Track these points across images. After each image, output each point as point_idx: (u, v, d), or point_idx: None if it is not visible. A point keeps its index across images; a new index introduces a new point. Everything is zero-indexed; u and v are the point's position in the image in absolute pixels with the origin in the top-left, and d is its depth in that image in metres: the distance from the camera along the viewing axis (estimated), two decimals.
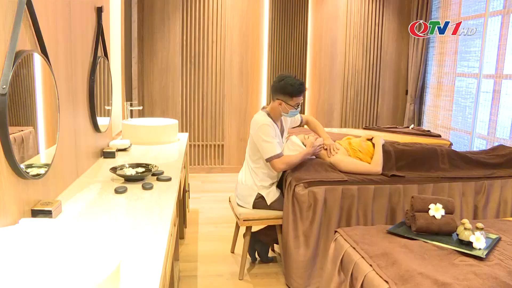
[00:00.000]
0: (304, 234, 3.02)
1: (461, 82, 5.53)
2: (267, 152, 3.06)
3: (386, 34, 6.36)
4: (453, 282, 1.80)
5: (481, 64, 5.07)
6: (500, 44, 4.81)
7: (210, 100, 5.93)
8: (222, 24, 5.82)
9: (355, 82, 6.33)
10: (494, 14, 4.92)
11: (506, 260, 2.07)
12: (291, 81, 3.10)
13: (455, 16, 5.60)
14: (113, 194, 2.12)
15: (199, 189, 5.37)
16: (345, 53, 6.26)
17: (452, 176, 3.36)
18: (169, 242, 1.74)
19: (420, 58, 6.09)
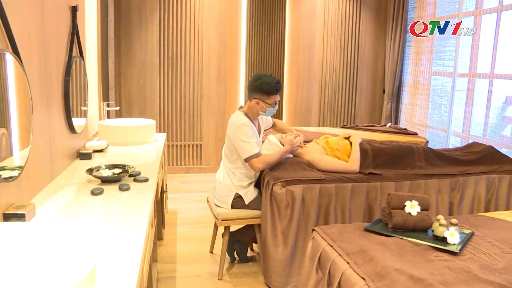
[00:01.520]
0: (283, 233, 3.03)
1: (437, 81, 5.61)
2: (246, 152, 3.06)
3: (363, 33, 6.41)
4: (428, 277, 1.82)
5: (456, 63, 5.16)
6: (473, 43, 4.90)
7: (188, 100, 5.91)
8: (199, 23, 5.80)
9: (332, 81, 6.38)
10: (467, 14, 5.01)
11: (479, 254, 2.11)
12: (268, 79, 3.11)
13: (430, 16, 5.69)
14: (89, 195, 2.10)
15: (177, 189, 5.34)
16: (322, 52, 6.30)
17: (428, 173, 3.42)
18: (146, 244, 1.72)
19: (397, 57, 6.16)
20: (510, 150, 4.26)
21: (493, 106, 4.65)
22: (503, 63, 4.51)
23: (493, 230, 2.46)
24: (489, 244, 2.25)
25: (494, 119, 4.65)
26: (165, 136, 4.00)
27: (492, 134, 4.66)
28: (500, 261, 2.05)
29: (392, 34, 6.22)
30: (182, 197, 5.05)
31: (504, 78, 4.51)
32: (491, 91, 4.64)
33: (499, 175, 3.57)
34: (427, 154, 3.55)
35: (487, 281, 1.84)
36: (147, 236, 1.76)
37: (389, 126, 5.38)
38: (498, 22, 4.54)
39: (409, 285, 1.78)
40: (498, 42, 4.53)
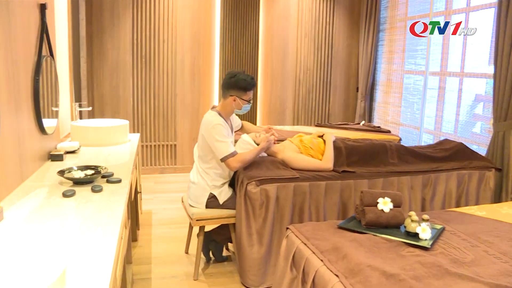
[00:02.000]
0: (258, 232, 3.04)
1: (409, 79, 5.70)
2: (222, 152, 3.05)
3: (337, 32, 6.47)
4: (401, 273, 1.85)
5: (427, 62, 5.24)
6: (444, 43, 4.99)
7: (162, 99, 5.86)
8: (173, 22, 5.75)
9: (306, 79, 6.41)
10: (437, 14, 5.10)
11: (449, 248, 2.16)
12: (243, 76, 3.15)
13: (403, 16, 5.76)
14: (60, 198, 2.06)
15: (152, 190, 5.30)
16: (296, 51, 6.33)
17: (401, 170, 3.46)
18: (120, 245, 1.70)
19: (370, 56, 6.23)
20: (480, 147, 4.35)
21: (464, 104, 4.74)
22: (472, 62, 4.60)
23: (463, 224, 2.51)
24: (459, 238, 2.30)
25: (464, 117, 4.74)
26: (139, 136, 3.96)
27: (462, 131, 4.75)
28: (469, 255, 2.09)
29: (365, 33, 6.28)
30: (157, 198, 5.01)
31: (473, 76, 4.60)
32: (461, 89, 4.73)
33: (469, 171, 3.64)
34: (400, 151, 3.60)
35: (456, 274, 1.88)
36: (120, 238, 1.73)
37: (363, 124, 5.44)
38: (467, 22, 4.63)
39: (382, 281, 1.80)
40: (467, 42, 4.62)
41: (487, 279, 1.85)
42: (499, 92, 3.89)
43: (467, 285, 1.80)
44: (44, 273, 1.02)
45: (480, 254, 2.12)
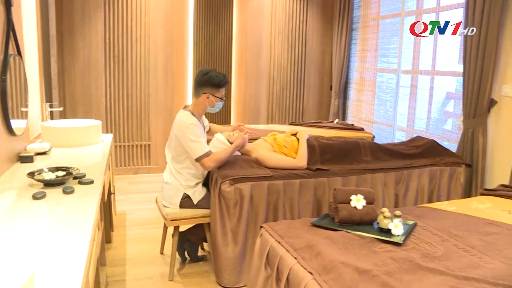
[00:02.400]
0: (232, 231, 3.03)
1: (382, 78, 5.76)
2: (196, 151, 3.03)
3: (310, 30, 6.50)
4: (373, 269, 1.87)
5: (400, 60, 5.31)
6: (415, 41, 5.06)
7: (135, 99, 5.79)
8: (146, 21, 5.69)
9: (280, 78, 6.43)
10: (409, 14, 5.17)
11: (421, 243, 2.19)
12: (216, 73, 3.15)
13: (375, 15, 5.83)
14: (30, 200, 2.02)
15: (126, 190, 5.24)
16: (270, 50, 6.34)
17: (374, 167, 3.50)
18: (92, 247, 1.68)
19: (343, 54, 6.28)
20: (451, 144, 4.43)
21: (435, 101, 4.82)
22: (443, 60, 4.68)
23: (434, 220, 2.55)
24: (431, 233, 2.34)
25: (436, 114, 4.82)
26: (112, 136, 3.91)
27: (434, 129, 4.83)
28: (440, 249, 2.13)
29: (338, 32, 6.33)
30: (131, 198, 4.95)
31: (444, 74, 4.68)
32: (433, 87, 4.81)
33: (441, 167, 3.71)
34: (373, 149, 3.64)
35: (427, 268, 1.91)
36: (93, 240, 1.71)
37: (337, 122, 5.47)
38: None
39: (355, 277, 1.81)
40: (438, 41, 4.70)
41: (457, 272, 1.89)
42: (468, 90, 3.97)
43: (437, 279, 1.84)
44: (11, 279, 0.99)
45: (450, 248, 2.16)
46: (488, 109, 3.91)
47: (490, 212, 2.73)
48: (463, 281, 1.81)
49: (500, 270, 1.92)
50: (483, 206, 2.85)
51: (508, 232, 2.37)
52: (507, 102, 3.79)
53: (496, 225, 2.49)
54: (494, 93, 3.88)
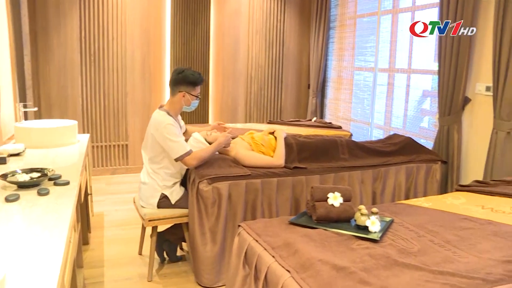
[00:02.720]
0: (211, 230, 3.03)
1: (359, 76, 5.81)
2: (177, 151, 3.02)
3: (288, 29, 6.52)
4: (350, 266, 1.88)
5: (376, 58, 5.36)
6: (392, 40, 5.12)
7: (112, 98, 5.73)
8: (122, 20, 5.63)
9: (258, 77, 6.43)
10: (385, 13, 5.22)
11: (397, 240, 2.21)
12: (191, 71, 3.15)
13: (352, 14, 5.87)
14: (2, 202, 1.97)
15: (103, 191, 5.18)
16: (248, 49, 6.33)
17: (352, 165, 3.53)
18: (68, 249, 1.65)
19: (321, 53, 6.31)
20: (428, 141, 4.49)
21: (412, 99, 4.88)
22: (419, 58, 4.74)
23: (411, 216, 2.58)
24: (407, 229, 2.36)
25: (412, 112, 4.88)
26: (89, 136, 3.85)
27: (411, 126, 4.89)
28: (416, 245, 2.15)
29: (316, 30, 6.36)
30: (109, 199, 4.90)
31: (420, 73, 4.74)
32: (409, 85, 4.87)
33: (417, 164, 3.76)
34: (350, 146, 3.66)
35: (404, 264, 1.93)
36: (69, 241, 1.68)
37: (315, 121, 5.50)
38: (412, 21, 4.76)
39: (332, 274, 1.82)
40: (414, 39, 4.76)
41: (432, 267, 1.91)
42: (443, 88, 4.02)
43: (413, 274, 1.86)
44: None
45: (426, 244, 2.18)
46: (463, 106, 3.98)
47: (465, 208, 2.77)
48: (438, 276, 1.84)
49: (473, 264, 1.95)
50: (457, 202, 2.89)
51: (481, 227, 2.41)
52: (480, 99, 3.85)
53: (470, 220, 2.53)
54: (468, 91, 3.94)
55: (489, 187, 3.15)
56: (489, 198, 2.98)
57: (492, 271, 1.89)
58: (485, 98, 3.79)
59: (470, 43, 3.81)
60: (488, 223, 2.49)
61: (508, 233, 2.32)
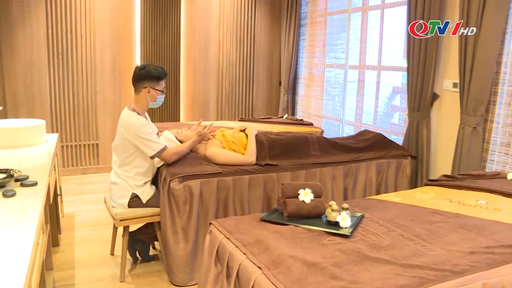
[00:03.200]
0: (183, 229, 3.01)
1: (330, 73, 5.85)
2: (153, 148, 3.01)
3: (259, 26, 6.52)
4: (321, 261, 1.89)
5: (347, 55, 5.41)
6: (361, 37, 5.17)
7: (82, 97, 5.63)
8: (91, 17, 5.53)
9: (229, 74, 6.42)
10: (355, 10, 5.27)
11: (368, 234, 2.23)
12: (153, 66, 3.13)
13: (323, 11, 5.90)
14: None
15: (74, 191, 5.09)
16: (219, 46, 6.31)
17: (323, 161, 3.55)
18: (35, 251, 1.62)
19: (292, 50, 6.33)
20: (399, 137, 4.55)
21: (382, 96, 4.94)
22: (388, 55, 4.80)
23: (381, 211, 2.61)
24: (377, 224, 2.39)
25: (383, 108, 4.94)
26: (57, 136, 3.78)
27: (382, 122, 4.95)
28: (386, 239, 2.18)
29: (286, 28, 6.38)
30: (80, 199, 4.82)
31: (390, 69, 4.80)
32: (379, 82, 4.93)
33: (388, 160, 3.81)
34: (321, 143, 3.69)
35: (374, 258, 1.95)
36: (36, 244, 1.65)
37: (286, 118, 5.52)
38: (382, 18, 4.83)
39: (304, 270, 1.83)
40: (383, 36, 4.82)
41: (402, 260, 1.94)
42: (412, 85, 4.09)
43: (384, 268, 1.88)
44: None
45: (396, 238, 2.21)
46: (431, 102, 4.04)
47: (433, 202, 2.82)
48: (408, 269, 1.87)
49: (441, 256, 1.99)
50: (426, 196, 2.94)
51: (449, 220, 2.46)
52: (448, 95, 3.93)
53: (438, 213, 2.58)
54: (436, 87, 4.01)
55: (456, 181, 3.22)
56: (456, 192, 3.04)
57: (459, 262, 1.93)
58: (453, 94, 3.86)
59: (438, 40, 3.88)
60: (456, 216, 2.54)
61: (474, 225, 2.37)
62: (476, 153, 3.56)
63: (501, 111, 3.51)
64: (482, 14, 3.37)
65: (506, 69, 3.45)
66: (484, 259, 1.98)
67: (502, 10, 3.32)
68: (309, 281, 1.75)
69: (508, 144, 3.47)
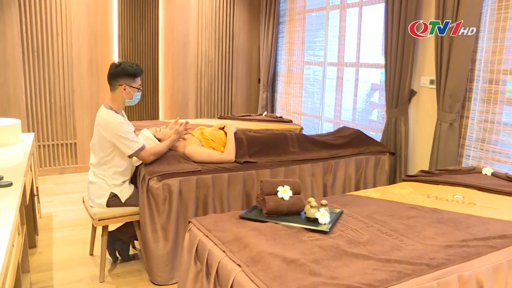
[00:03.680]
0: (162, 227, 2.99)
1: (309, 70, 5.87)
2: (131, 147, 2.99)
3: (238, 24, 6.51)
4: (300, 257, 1.90)
5: (325, 53, 5.43)
6: (340, 35, 5.20)
7: (59, 95, 5.54)
8: (67, 13, 5.44)
9: (208, 71, 6.40)
10: (334, 8, 5.30)
11: (347, 230, 2.25)
12: (129, 63, 3.10)
13: (301, 8, 5.92)
14: None
15: (51, 192, 5.02)
16: (197, 43, 6.28)
17: (302, 158, 3.57)
18: (10, 253, 1.59)
19: (271, 47, 6.33)
20: (377, 133, 4.60)
21: (361, 93, 4.98)
22: (366, 53, 4.84)
23: (360, 207, 2.63)
24: (356, 220, 2.41)
25: (362, 105, 4.98)
26: (34, 136, 3.72)
27: (360, 119, 4.99)
28: (365, 235, 2.20)
29: (265, 25, 6.38)
30: (58, 200, 4.76)
31: (368, 66, 4.84)
32: (358, 79, 4.96)
33: (366, 156, 3.85)
34: (300, 140, 3.70)
35: (353, 254, 1.97)
36: (11, 245, 1.62)
37: (265, 115, 5.53)
38: (360, 16, 4.87)
39: (283, 267, 1.83)
40: (361, 34, 4.85)
41: (380, 255, 1.96)
42: (390, 81, 4.13)
43: (362, 263, 1.90)
44: None
45: (374, 233, 2.23)
46: (409, 99, 4.09)
47: (411, 197, 2.86)
48: (386, 264, 1.89)
49: (419, 250, 2.02)
50: (404, 192, 2.98)
51: (426, 215, 2.50)
52: (425, 92, 3.98)
53: (416, 208, 2.61)
54: (413, 84, 4.06)
55: (434, 176, 3.26)
56: (434, 187, 3.09)
57: (435, 256, 1.96)
58: (430, 91, 3.91)
59: (415, 38, 3.92)
60: (433, 211, 2.58)
61: (450, 220, 2.41)
62: (453, 148, 3.61)
63: (476, 107, 3.57)
64: (457, 12, 3.42)
65: (480, 66, 3.51)
66: (459, 252, 2.01)
67: (476, 8, 3.37)
68: (288, 277, 1.75)
69: (483, 140, 3.53)
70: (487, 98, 3.49)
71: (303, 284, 1.70)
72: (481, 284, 1.94)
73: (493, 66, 3.42)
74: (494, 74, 3.43)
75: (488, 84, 3.47)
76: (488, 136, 3.50)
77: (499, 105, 3.41)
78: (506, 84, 3.37)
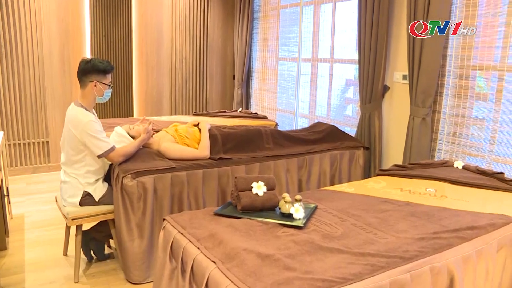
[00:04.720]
0: (137, 225, 2.97)
1: (283, 66, 5.89)
2: (101, 147, 2.93)
3: (212, 20, 6.48)
4: (275, 253, 1.90)
5: (300, 49, 5.45)
6: (314, 31, 5.22)
7: (29, 93, 5.42)
8: (36, 10, 5.32)
9: (183, 68, 6.35)
10: (308, 4, 5.31)
11: (321, 225, 2.26)
12: (99, 59, 3.04)
13: (275, 4, 5.92)
14: None
15: (23, 192, 4.92)
16: (171, 40, 6.23)
17: (277, 154, 3.58)
18: None
19: (245, 43, 6.32)
20: (352, 129, 4.63)
21: (335, 88, 5.01)
22: (341, 48, 4.88)
23: (334, 201, 2.65)
24: (330, 215, 2.42)
25: (336, 100, 5.01)
26: (2, 135, 3.64)
27: (335, 114, 5.02)
28: (339, 229, 2.22)
29: (239, 21, 6.37)
30: (30, 200, 4.66)
31: (342, 62, 4.87)
32: (332, 75, 4.99)
33: (341, 151, 3.88)
34: (275, 136, 3.71)
35: (327, 248, 1.98)
36: None
37: (240, 111, 5.53)
38: (334, 12, 4.90)
39: (258, 263, 1.83)
40: (335, 30, 4.88)
41: (354, 249, 1.98)
42: (364, 77, 4.17)
43: (337, 257, 1.91)
44: None
45: (348, 227, 2.25)
46: (382, 94, 4.14)
47: (385, 191, 2.89)
48: (360, 257, 1.91)
49: (392, 244, 2.05)
50: (378, 186, 3.01)
51: (399, 208, 2.53)
52: (398, 87, 4.03)
53: (389, 202, 2.64)
54: (387, 79, 4.10)
55: (407, 170, 3.31)
56: (407, 180, 3.13)
57: (409, 248, 1.99)
58: (403, 86, 3.96)
59: (387, 33, 3.96)
60: (406, 204, 2.61)
61: (423, 213, 2.45)
62: (426, 143, 3.67)
63: (448, 102, 3.63)
64: (428, 9, 3.47)
65: (451, 61, 3.57)
66: (431, 244, 2.05)
67: (446, 5, 3.42)
68: (263, 273, 1.75)
69: (454, 134, 3.60)
70: (458, 93, 3.55)
71: (278, 279, 1.70)
72: (452, 274, 1.98)
73: (463, 62, 3.49)
74: (464, 69, 3.49)
75: (459, 79, 3.53)
76: (459, 130, 3.56)
77: (469, 100, 3.48)
78: (476, 80, 3.44)
